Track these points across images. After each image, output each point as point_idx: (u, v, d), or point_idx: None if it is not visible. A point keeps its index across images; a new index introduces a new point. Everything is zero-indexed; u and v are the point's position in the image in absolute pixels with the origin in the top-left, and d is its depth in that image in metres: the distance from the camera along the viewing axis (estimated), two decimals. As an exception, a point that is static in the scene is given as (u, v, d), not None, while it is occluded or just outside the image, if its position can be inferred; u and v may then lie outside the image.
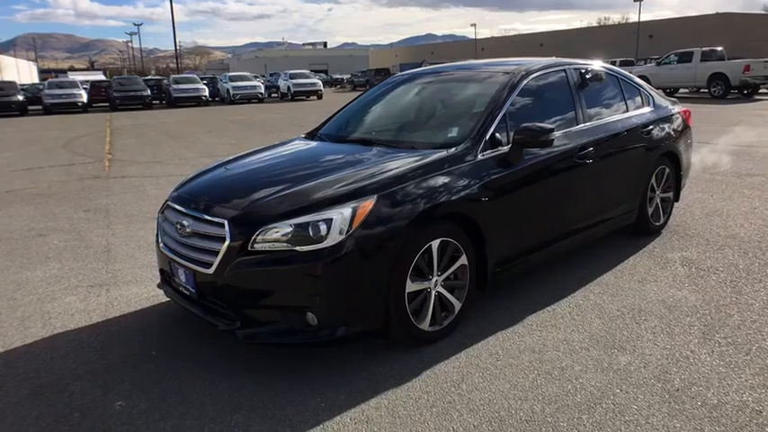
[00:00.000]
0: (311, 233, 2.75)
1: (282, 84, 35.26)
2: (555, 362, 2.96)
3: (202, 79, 33.64)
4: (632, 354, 3.01)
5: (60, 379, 3.02)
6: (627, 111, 4.64)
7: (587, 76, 4.37)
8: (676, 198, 5.26)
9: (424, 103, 4.23)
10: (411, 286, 2.98)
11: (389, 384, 2.81)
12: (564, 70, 4.20)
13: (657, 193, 4.93)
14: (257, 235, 2.79)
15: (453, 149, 3.32)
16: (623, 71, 4.97)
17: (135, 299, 4.09)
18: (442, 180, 3.13)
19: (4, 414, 2.73)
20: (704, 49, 23.11)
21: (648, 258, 4.45)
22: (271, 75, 51.20)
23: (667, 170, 5.00)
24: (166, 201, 3.50)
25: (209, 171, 3.73)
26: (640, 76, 25.02)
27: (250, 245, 2.80)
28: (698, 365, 2.87)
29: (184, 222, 3.08)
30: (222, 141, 13.81)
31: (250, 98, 31.88)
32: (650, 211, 4.86)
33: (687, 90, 24.11)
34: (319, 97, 33.34)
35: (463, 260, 3.22)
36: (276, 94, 36.83)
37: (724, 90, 21.45)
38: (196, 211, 3.09)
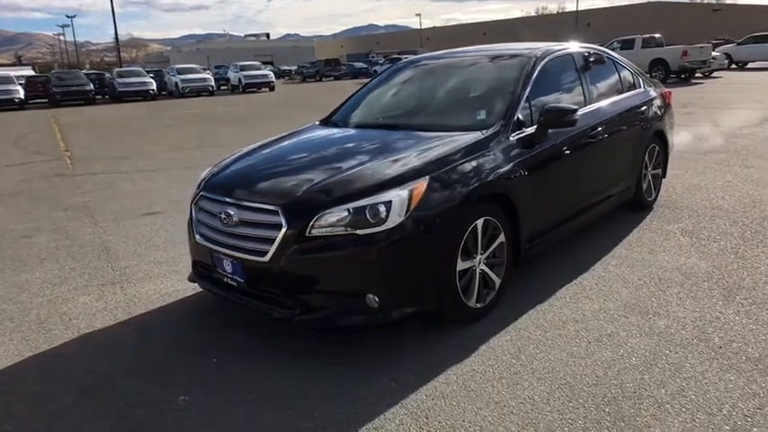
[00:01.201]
0: (370, 216, 2.78)
1: (233, 76, 34.50)
2: (599, 330, 3.11)
3: (148, 72, 32.42)
4: (667, 318, 3.20)
5: (108, 378, 2.93)
6: (623, 92, 4.85)
7: (591, 59, 4.54)
8: (664, 174, 5.54)
9: (442, 87, 4.28)
10: (461, 265, 3.06)
11: (451, 360, 2.88)
12: (571, 53, 4.35)
13: (649, 170, 5.18)
14: (315, 220, 2.79)
15: (488, 131, 3.41)
16: (616, 54, 5.18)
17: (155, 295, 3.99)
18: (483, 161, 3.21)
19: (60, 415, 2.64)
20: (644, 36, 24.14)
21: (650, 231, 4.69)
22: (216, 67, 49.95)
23: (657, 148, 5.26)
24: (199, 191, 3.43)
25: (239, 160, 3.67)
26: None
27: (308, 231, 2.80)
28: (730, 325, 3.08)
29: (230, 212, 3.04)
30: (186, 135, 13.43)
31: (200, 91, 31.03)
32: (644, 186, 5.11)
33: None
34: (272, 89, 32.81)
35: (502, 238, 3.32)
36: (226, 87, 35.94)
37: (664, 75, 22.45)
38: (243, 199, 3.05)
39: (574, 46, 4.56)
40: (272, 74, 34.06)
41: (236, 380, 2.85)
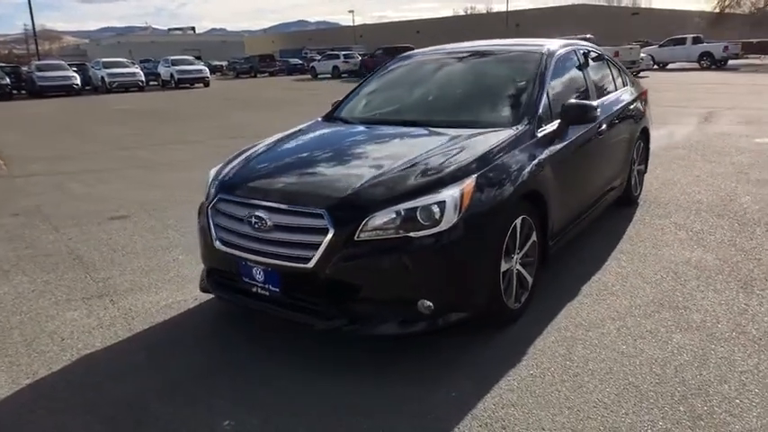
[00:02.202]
0: (422, 217, 2.63)
1: (164, 71, 32.97)
2: (638, 326, 3.11)
3: (70, 65, 30.43)
4: (699, 312, 3.24)
5: (131, 405, 2.63)
6: (616, 89, 4.93)
7: (590, 56, 4.57)
8: (645, 170, 5.70)
9: (454, 82, 4.17)
10: (503, 266, 2.97)
11: (504, 365, 2.78)
12: (574, 50, 4.36)
13: (636, 165, 5.31)
14: (364, 223, 2.61)
15: (518, 128, 3.33)
16: (606, 52, 5.26)
17: (153, 308, 3.65)
18: (519, 158, 3.13)
19: (89, 451, 2.33)
20: (578, 36, 25.05)
21: (645, 226, 4.79)
22: (142, 61, 47.64)
23: (642, 144, 5.40)
24: (215, 193, 3.13)
25: (256, 159, 3.40)
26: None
27: (357, 234, 2.62)
28: (760, 316, 3.16)
29: (262, 215, 2.80)
30: (124, 133, 12.65)
31: (129, 86, 29.46)
32: (632, 182, 5.23)
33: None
34: (206, 85, 31.63)
35: (534, 236, 3.26)
36: (156, 82, 34.31)
37: (598, 73, 23.42)
38: (278, 202, 2.81)
39: (570, 42, 4.56)
40: (206, 69, 32.87)
41: (280, 397, 2.62)
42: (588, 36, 25.32)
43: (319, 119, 4.29)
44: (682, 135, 9.09)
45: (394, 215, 2.64)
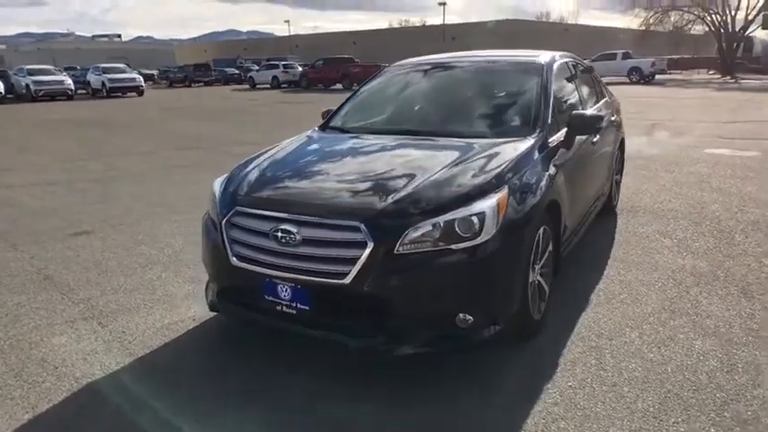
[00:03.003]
0: (461, 229, 2.56)
1: (94, 79, 31.43)
2: (657, 334, 3.16)
3: (-9, 72, 28.48)
4: (710, 317, 3.33)
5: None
6: (599, 99, 5.07)
7: (578, 68, 4.67)
8: (620, 179, 5.88)
9: (461, 92, 4.12)
10: (530, 276, 2.94)
11: (542, 379, 2.74)
12: (566, 61, 4.44)
13: (614, 174, 5.47)
14: (405, 236, 2.52)
15: (533, 138, 3.33)
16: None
17: (149, 330, 3.40)
18: (540, 168, 3.13)
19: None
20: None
21: (629, 234, 4.93)
22: (67, 69, 45.31)
23: (619, 154, 5.57)
24: (231, 207, 2.93)
25: (270, 169, 3.22)
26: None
27: (396, 248, 2.51)
28: (767, 321, 3.28)
29: (290, 229, 2.64)
30: (68, 143, 11.94)
31: (56, 95, 27.87)
32: (612, 191, 5.38)
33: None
34: (140, 94, 30.39)
35: (550, 246, 3.26)
36: (84, 91, 32.61)
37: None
38: (308, 215, 2.66)
39: (560, 54, 4.64)
40: (140, 77, 31.56)
41: (326, 416, 2.47)
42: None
43: (316, 129, 4.14)
44: (637, 146, 9.48)
45: (431, 227, 2.56)
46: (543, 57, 4.14)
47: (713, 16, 41.46)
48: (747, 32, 42.39)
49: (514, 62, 4.23)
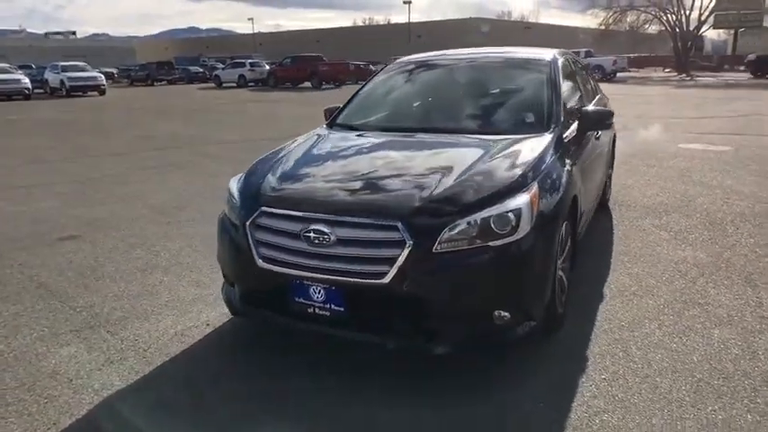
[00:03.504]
0: (497, 226, 2.56)
1: (52, 77, 30.29)
2: (675, 324, 3.23)
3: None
4: (721, 307, 3.43)
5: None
6: (596, 96, 5.15)
7: (577, 65, 4.74)
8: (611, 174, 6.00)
9: (473, 89, 4.11)
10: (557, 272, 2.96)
11: (575, 373, 2.77)
12: (568, 58, 4.49)
13: (607, 169, 5.57)
14: (443, 234, 2.50)
15: (551, 133, 3.35)
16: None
17: (163, 337, 3.29)
18: (560, 163, 3.15)
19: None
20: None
21: (627, 228, 5.03)
22: (21, 67, 43.63)
23: (612, 149, 5.68)
24: (256, 208, 2.84)
25: (292, 169, 3.16)
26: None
27: (435, 246, 2.49)
28: (775, 308, 3.39)
29: (323, 229, 2.59)
30: (37, 144, 11.46)
31: (11, 94, 26.71)
32: (606, 186, 5.48)
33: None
34: (102, 93, 29.46)
35: (569, 240, 3.29)
36: (42, 90, 31.40)
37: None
38: (341, 214, 2.61)
39: (560, 51, 4.69)
40: (102, 76, 30.60)
41: (360, 419, 2.43)
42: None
43: (324, 126, 4.08)
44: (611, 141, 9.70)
45: (467, 225, 2.54)
46: (547, 53, 4.18)
47: (669, 16, 42.77)
48: (701, 32, 43.87)
49: (521, 59, 4.26)
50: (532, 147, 3.13)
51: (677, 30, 42.68)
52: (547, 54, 4.17)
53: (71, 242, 5.10)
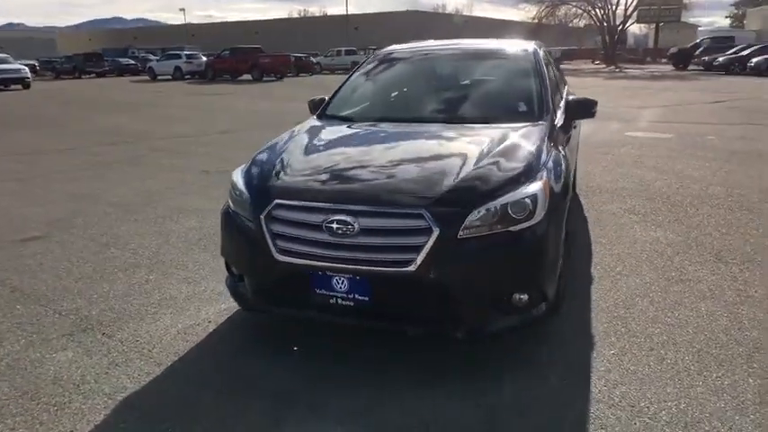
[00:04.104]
0: (514, 212, 2.63)
1: (-31, 70, 28.16)
2: (664, 300, 3.43)
3: None
4: (701, 282, 3.67)
5: (229, 444, 2.29)
6: (565, 85, 5.35)
7: (551, 56, 4.90)
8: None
9: (463, 79, 4.18)
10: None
11: (586, 350, 2.91)
12: (542, 49, 4.64)
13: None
14: (468, 220, 2.55)
15: (545, 121, 3.47)
16: (547, 53, 5.67)
17: (166, 336, 3.19)
18: (558, 150, 3.27)
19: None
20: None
21: (598, 212, 5.28)
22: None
23: (578, 137, 5.91)
24: (270, 200, 2.79)
25: (302, 159, 3.12)
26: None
27: (459, 232, 2.55)
28: (750, 281, 3.66)
29: (346, 219, 2.59)
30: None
31: None
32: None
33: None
34: (26, 86, 27.69)
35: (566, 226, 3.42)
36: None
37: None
38: (364, 203, 2.62)
39: (534, 42, 4.84)
40: (26, 68, 28.75)
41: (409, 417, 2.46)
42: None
43: (314, 118, 4.04)
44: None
45: (488, 211, 2.60)
46: (527, 44, 4.31)
47: (597, 10, 44.62)
48: (626, 26, 46.02)
49: (507, 50, 4.36)
50: (533, 135, 3.24)
51: (605, 24, 44.65)
52: (528, 45, 4.30)
53: (36, 243, 4.82)
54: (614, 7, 44.75)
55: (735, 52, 30.57)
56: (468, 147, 3.08)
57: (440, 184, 2.67)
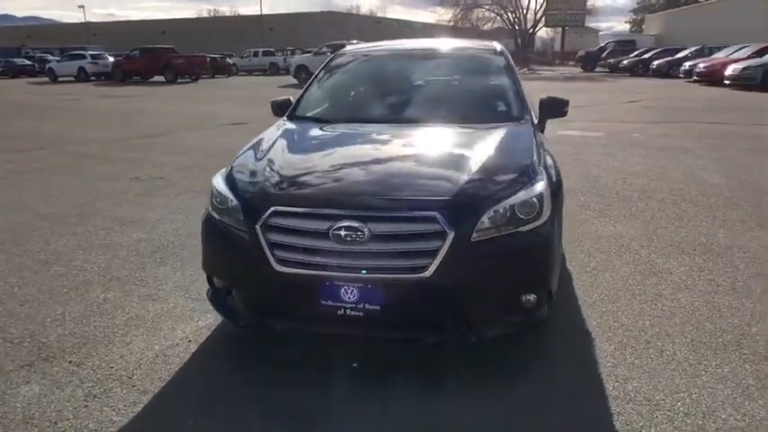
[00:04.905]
0: (521, 212, 2.60)
1: None
2: (645, 291, 3.56)
3: None
4: (672, 273, 3.83)
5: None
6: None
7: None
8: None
9: (438, 80, 4.11)
10: (556, 252, 3.09)
11: (588, 346, 2.94)
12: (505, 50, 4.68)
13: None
14: (480, 222, 2.49)
15: (526, 121, 3.49)
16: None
17: (144, 360, 2.91)
18: (544, 149, 3.29)
19: None
20: (353, 41, 26.41)
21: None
22: None
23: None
24: (265, 207, 2.59)
25: (292, 165, 2.93)
26: (300, 66, 27.04)
27: (473, 235, 2.48)
28: (716, 270, 3.86)
29: (354, 225, 2.44)
30: None
31: None
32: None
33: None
34: None
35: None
36: None
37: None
38: (375, 209, 2.49)
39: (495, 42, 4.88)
40: None
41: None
42: (354, 41, 26.90)
43: (285, 120, 3.83)
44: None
45: (497, 212, 2.56)
46: (495, 45, 4.33)
47: (509, 14, 46.45)
48: (536, 30, 48.25)
49: (477, 49, 4.35)
50: (524, 134, 3.24)
51: (516, 27, 46.58)
52: (494, 45, 4.32)
53: (-39, 263, 4.28)
54: (525, 11, 46.84)
55: (637, 55, 32.84)
56: (463, 148, 3.02)
57: (448, 187, 2.60)
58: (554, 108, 3.86)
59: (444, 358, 2.83)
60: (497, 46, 4.29)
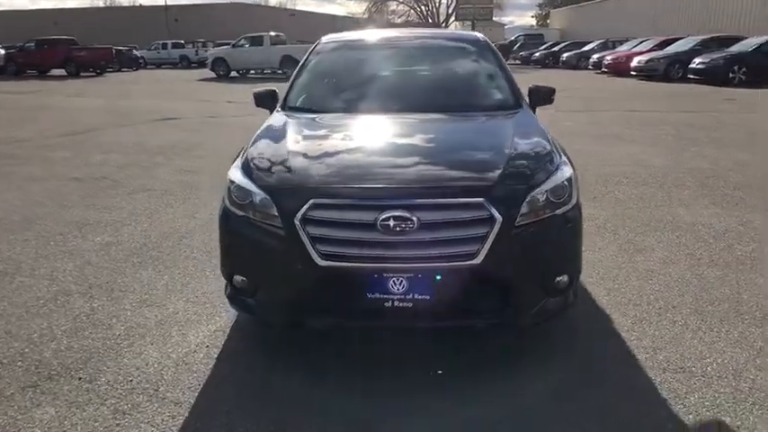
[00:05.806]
0: (554, 196, 2.66)
1: None
2: (637, 270, 3.75)
3: None
4: (654, 250, 4.08)
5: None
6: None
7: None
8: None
9: (434, 69, 4.07)
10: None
11: (603, 322, 3.07)
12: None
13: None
14: (522, 207, 2.53)
15: (526, 108, 3.57)
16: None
17: (163, 370, 2.72)
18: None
19: None
20: (272, 34, 25.83)
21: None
22: None
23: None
24: (304, 200, 2.47)
25: (323, 155, 2.82)
26: (217, 59, 26.05)
27: (517, 219, 2.52)
28: (690, 247, 4.15)
29: (403, 215, 2.40)
30: None
31: None
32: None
33: (259, 71, 26.31)
34: None
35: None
36: None
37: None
38: (422, 197, 2.45)
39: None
40: None
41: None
42: (281, 35, 26.27)
43: (279, 110, 3.68)
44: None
45: (535, 197, 2.59)
46: (477, 34, 4.39)
47: (422, 8, 47.22)
48: (448, 23, 49.38)
49: (463, 38, 4.38)
50: (531, 122, 3.32)
51: (430, 20, 47.44)
52: (476, 34, 4.38)
53: None
54: (438, 5, 47.80)
55: (547, 48, 34.47)
56: (488, 135, 3.05)
57: (492, 173, 2.61)
58: (542, 96, 3.96)
59: (481, 344, 2.86)
60: (479, 35, 4.35)
